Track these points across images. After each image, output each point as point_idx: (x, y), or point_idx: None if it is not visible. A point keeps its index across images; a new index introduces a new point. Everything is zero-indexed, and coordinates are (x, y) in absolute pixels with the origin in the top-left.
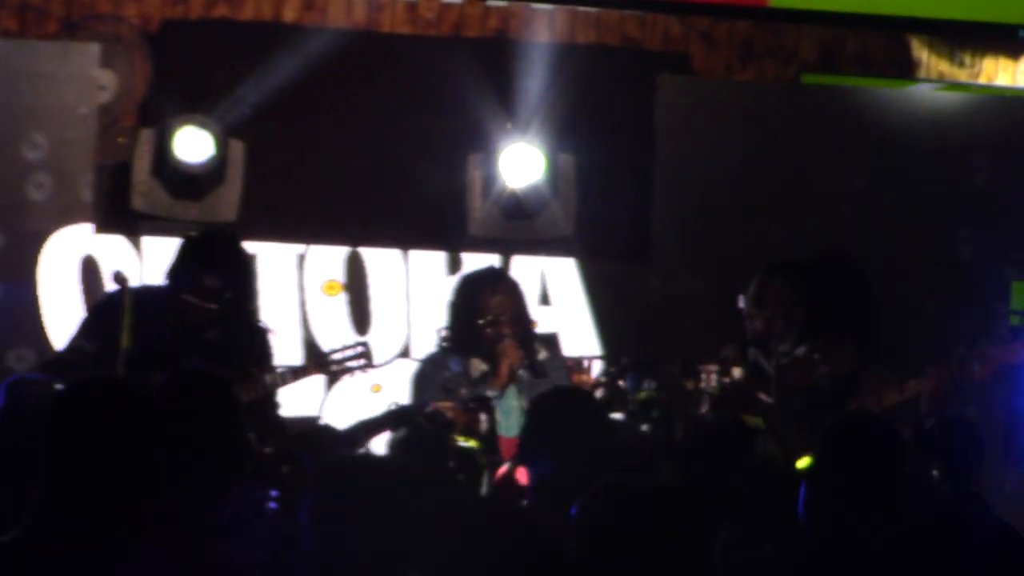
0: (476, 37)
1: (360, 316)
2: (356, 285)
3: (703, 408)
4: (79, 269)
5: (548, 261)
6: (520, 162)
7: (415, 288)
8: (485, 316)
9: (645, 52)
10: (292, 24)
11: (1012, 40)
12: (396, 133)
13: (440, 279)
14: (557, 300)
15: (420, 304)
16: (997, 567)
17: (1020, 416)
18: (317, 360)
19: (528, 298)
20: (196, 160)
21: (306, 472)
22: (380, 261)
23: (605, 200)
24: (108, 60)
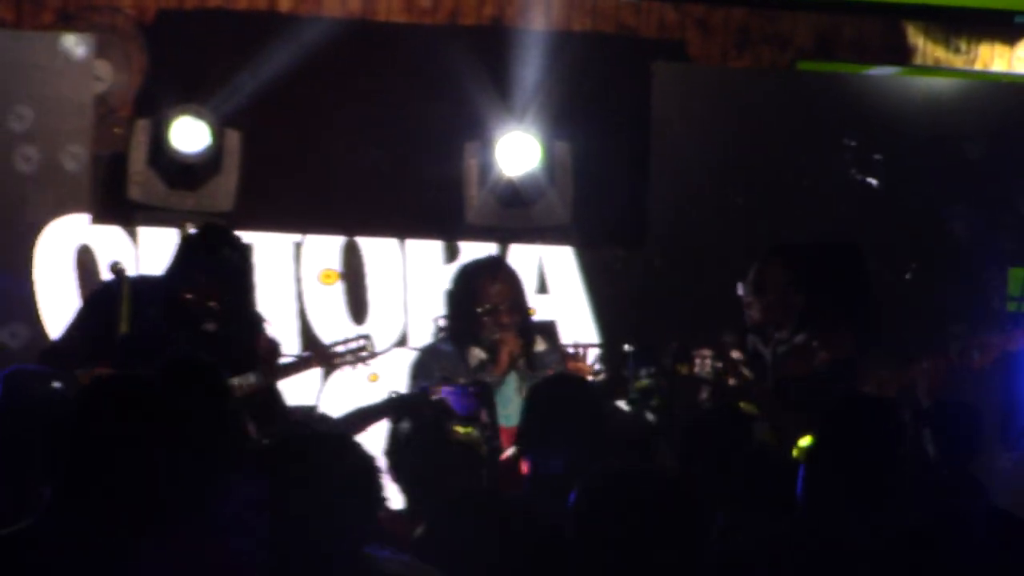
0: (472, 25)
1: (357, 305)
2: (353, 274)
3: (702, 395)
4: (75, 258)
5: (545, 249)
6: (516, 150)
7: (412, 277)
8: (484, 305)
9: (641, 39)
10: (287, 13)
11: (1008, 26)
12: (392, 122)
13: (437, 268)
14: (555, 288)
15: (417, 293)
16: (996, 552)
17: (1017, 402)
18: (320, 352)
19: (526, 286)
20: (192, 150)
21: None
22: (377, 250)
23: (602, 188)
24: (104, 51)
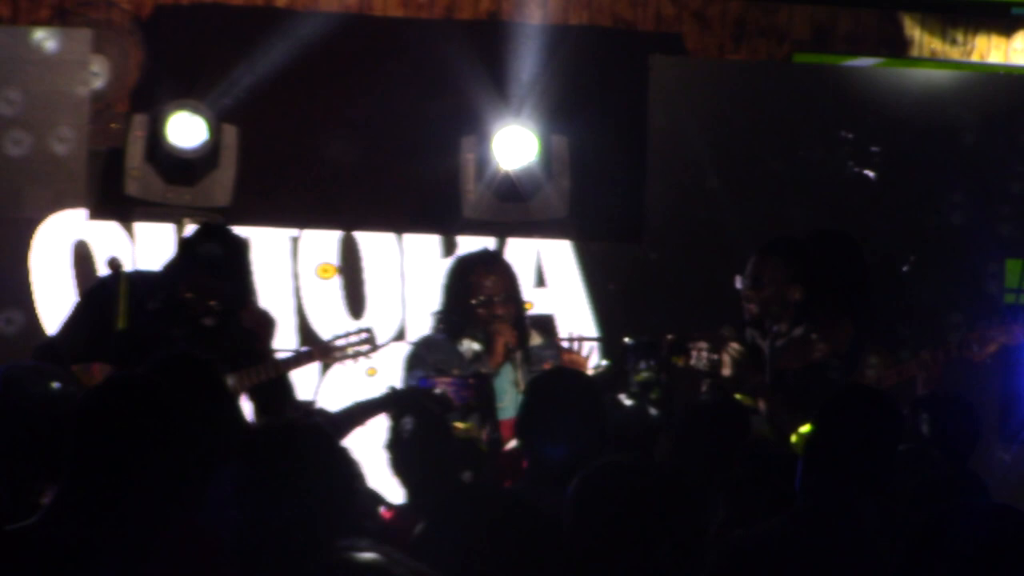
0: (468, 19)
1: (355, 300)
2: (350, 269)
3: (702, 387)
4: (71, 254)
5: (543, 243)
6: (513, 144)
7: (409, 271)
8: (479, 296)
9: (637, 33)
10: (284, 8)
11: (1005, 17)
12: (389, 116)
13: (434, 262)
14: (553, 281)
15: (415, 287)
16: (995, 545)
17: (1015, 395)
18: (322, 347)
19: (523, 280)
20: (189, 145)
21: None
22: (374, 244)
23: (599, 181)
24: (101, 46)
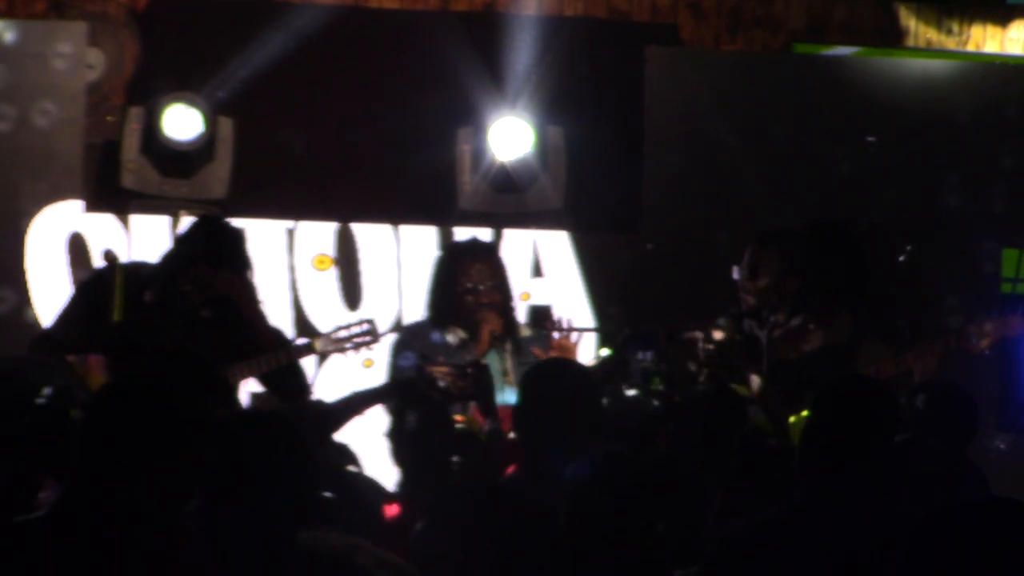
0: (464, 11)
1: (351, 291)
2: (347, 260)
3: (700, 378)
4: (67, 246)
5: (540, 233)
6: (509, 136)
7: (406, 263)
8: (466, 284)
9: (633, 24)
10: (280, 0)
11: (1000, 7)
12: (385, 108)
13: (431, 254)
14: (550, 272)
15: (411, 279)
16: (995, 535)
17: (1012, 385)
18: (324, 339)
19: (520, 270)
20: (185, 138)
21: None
22: (371, 236)
23: (595, 172)
24: (96, 39)
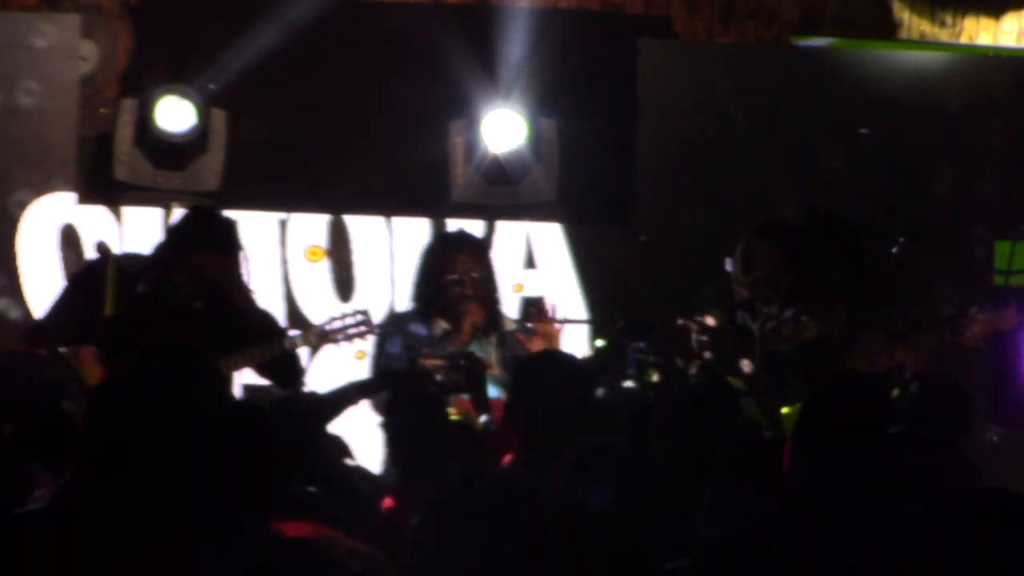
0: (457, 3)
1: (344, 283)
2: (339, 252)
3: (692, 369)
4: (59, 237)
5: (533, 225)
6: (502, 128)
7: (399, 255)
8: (451, 275)
9: (626, 16)
10: None
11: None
12: (378, 100)
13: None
14: (543, 264)
15: (404, 271)
16: (988, 528)
17: (1005, 377)
18: (319, 330)
19: (513, 262)
20: (178, 129)
21: None
22: (363, 228)
23: (588, 164)
24: (90, 31)
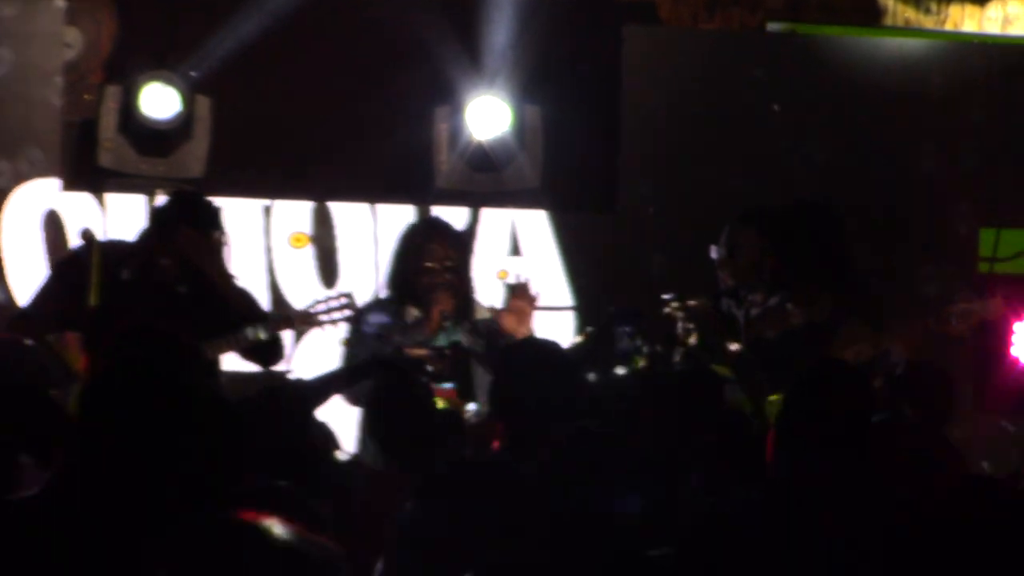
0: None
1: (328, 270)
2: (323, 238)
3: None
4: (43, 224)
5: (518, 212)
6: (487, 114)
7: (383, 241)
8: (424, 263)
9: (611, 2)
10: None
11: None
12: (362, 87)
13: None
14: (528, 251)
15: (388, 258)
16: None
17: (990, 364)
18: (301, 313)
19: (497, 249)
20: (163, 116)
21: None
22: (348, 214)
23: (572, 151)
24: (74, 17)
